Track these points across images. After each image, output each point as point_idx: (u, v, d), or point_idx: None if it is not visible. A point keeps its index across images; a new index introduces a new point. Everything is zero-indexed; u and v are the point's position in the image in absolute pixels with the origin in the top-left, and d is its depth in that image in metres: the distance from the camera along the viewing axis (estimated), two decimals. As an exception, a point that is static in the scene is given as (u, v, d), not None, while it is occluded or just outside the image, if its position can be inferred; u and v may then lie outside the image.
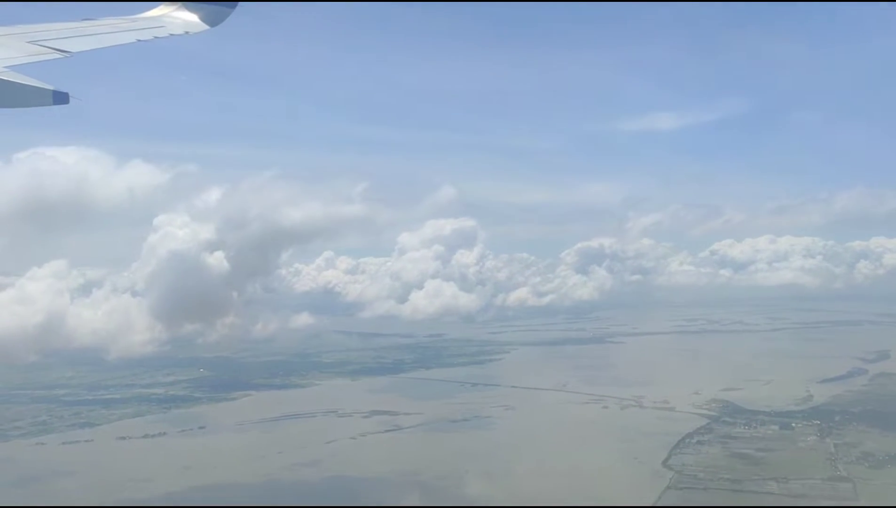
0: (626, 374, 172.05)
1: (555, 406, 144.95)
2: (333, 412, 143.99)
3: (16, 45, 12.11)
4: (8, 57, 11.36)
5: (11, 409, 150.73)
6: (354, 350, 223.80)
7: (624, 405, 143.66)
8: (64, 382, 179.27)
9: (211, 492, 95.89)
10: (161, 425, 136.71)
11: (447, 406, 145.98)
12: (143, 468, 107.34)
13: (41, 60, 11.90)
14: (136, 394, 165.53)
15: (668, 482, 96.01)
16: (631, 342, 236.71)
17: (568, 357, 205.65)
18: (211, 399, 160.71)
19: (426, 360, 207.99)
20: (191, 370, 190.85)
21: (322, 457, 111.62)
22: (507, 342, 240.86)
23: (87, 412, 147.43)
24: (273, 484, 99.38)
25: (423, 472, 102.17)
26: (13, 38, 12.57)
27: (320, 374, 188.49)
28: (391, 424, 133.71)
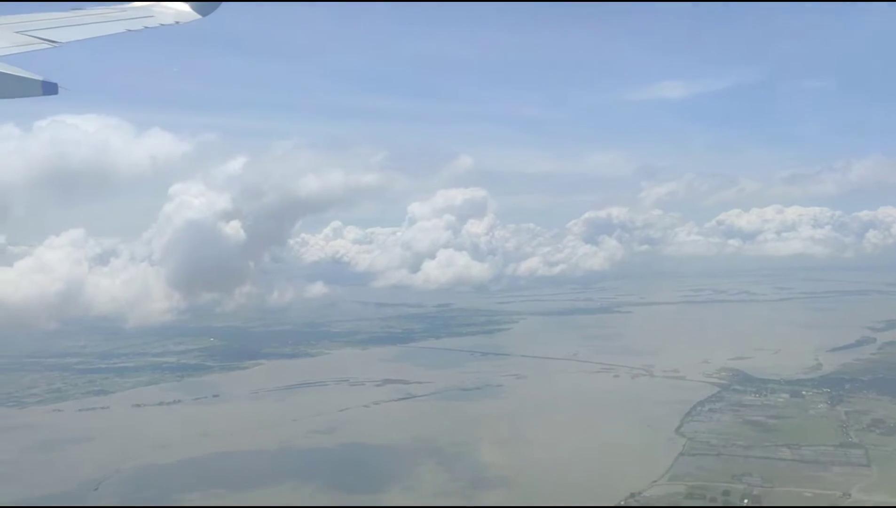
0: (636, 343, 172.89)
1: (566, 375, 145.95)
2: (345, 381, 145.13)
3: (4, 36, 12.03)
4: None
5: (26, 377, 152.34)
6: (364, 320, 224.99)
7: (635, 374, 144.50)
8: (76, 351, 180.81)
9: (229, 459, 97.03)
10: (175, 393, 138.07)
11: (459, 375, 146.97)
12: (161, 434, 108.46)
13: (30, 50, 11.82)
14: (149, 363, 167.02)
15: (682, 448, 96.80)
16: (639, 311, 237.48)
17: (577, 327, 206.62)
18: (223, 368, 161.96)
19: (435, 329, 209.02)
20: (202, 340, 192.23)
21: (337, 425, 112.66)
22: (516, 311, 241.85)
23: (100, 380, 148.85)
24: (290, 451, 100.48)
25: (438, 439, 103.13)
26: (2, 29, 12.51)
27: (330, 343, 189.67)
28: (404, 392, 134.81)
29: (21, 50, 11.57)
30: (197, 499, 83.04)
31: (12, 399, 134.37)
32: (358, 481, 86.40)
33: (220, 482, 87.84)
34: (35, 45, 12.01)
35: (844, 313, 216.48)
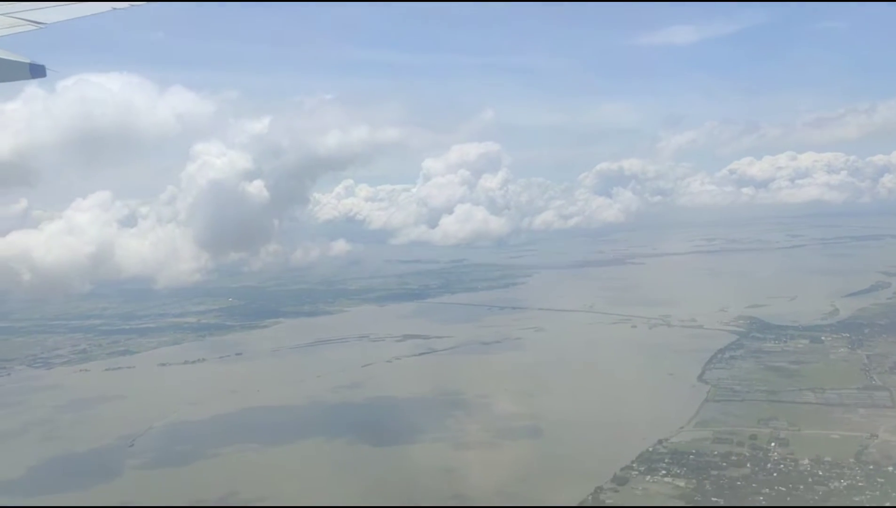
0: (651, 294, 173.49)
1: (584, 327, 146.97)
2: (366, 337, 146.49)
3: None
4: None
5: (50, 339, 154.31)
6: (379, 277, 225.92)
7: (652, 324, 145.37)
8: (98, 313, 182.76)
9: (259, 414, 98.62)
10: (198, 352, 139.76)
11: (477, 329, 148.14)
12: (190, 392, 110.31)
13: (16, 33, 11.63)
14: (170, 323, 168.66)
15: (705, 395, 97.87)
16: (651, 262, 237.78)
17: (591, 279, 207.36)
18: (243, 327, 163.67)
19: (451, 285, 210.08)
20: (221, 300, 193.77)
21: (361, 380, 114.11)
22: (529, 265, 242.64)
23: (124, 341, 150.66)
24: (318, 406, 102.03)
25: (463, 392, 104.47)
26: None
27: (348, 301, 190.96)
28: (424, 347, 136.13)
29: (6, 32, 11.41)
30: (232, 453, 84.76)
31: (39, 361, 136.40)
32: (387, 434, 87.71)
33: (252, 437, 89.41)
34: (21, 28, 11.82)
35: (858, 258, 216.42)
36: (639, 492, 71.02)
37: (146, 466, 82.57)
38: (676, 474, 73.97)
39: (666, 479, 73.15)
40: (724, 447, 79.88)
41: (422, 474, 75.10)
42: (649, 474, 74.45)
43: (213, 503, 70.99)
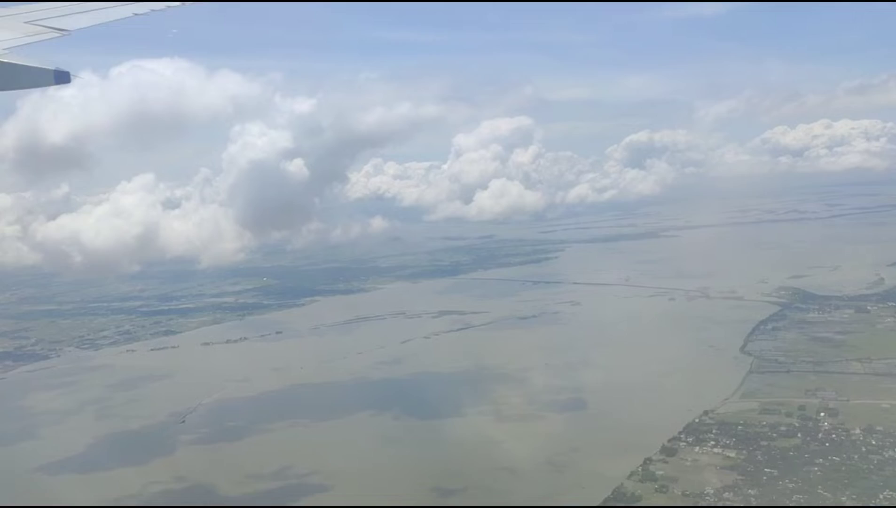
0: (687, 266, 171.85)
1: (621, 300, 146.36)
2: (402, 314, 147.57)
3: (14, 26, 11.95)
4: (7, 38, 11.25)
5: (94, 321, 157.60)
6: (410, 254, 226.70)
7: (691, 297, 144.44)
8: (136, 294, 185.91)
9: (305, 391, 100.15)
10: (239, 331, 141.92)
11: (513, 304, 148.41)
12: (235, 370, 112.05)
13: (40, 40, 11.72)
14: (209, 303, 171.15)
15: (749, 366, 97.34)
16: (685, 235, 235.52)
17: (624, 253, 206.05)
18: (280, 306, 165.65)
19: (482, 261, 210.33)
20: (255, 280, 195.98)
21: (402, 356, 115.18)
22: (560, 240, 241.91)
23: (166, 321, 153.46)
24: (362, 382, 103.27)
25: (505, 366, 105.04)
26: (11, 20, 12.43)
27: (381, 278, 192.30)
28: (461, 323, 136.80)
29: (31, 40, 11.52)
30: (282, 428, 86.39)
31: (86, 342, 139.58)
32: (433, 408, 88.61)
33: (301, 413, 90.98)
34: (44, 35, 11.94)
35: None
36: (688, 463, 71.11)
37: (199, 441, 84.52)
38: (726, 444, 73.87)
39: (715, 450, 73.11)
40: (772, 417, 79.55)
41: (471, 446, 75.91)
42: (698, 445, 74.45)
43: (268, 478, 72.51)
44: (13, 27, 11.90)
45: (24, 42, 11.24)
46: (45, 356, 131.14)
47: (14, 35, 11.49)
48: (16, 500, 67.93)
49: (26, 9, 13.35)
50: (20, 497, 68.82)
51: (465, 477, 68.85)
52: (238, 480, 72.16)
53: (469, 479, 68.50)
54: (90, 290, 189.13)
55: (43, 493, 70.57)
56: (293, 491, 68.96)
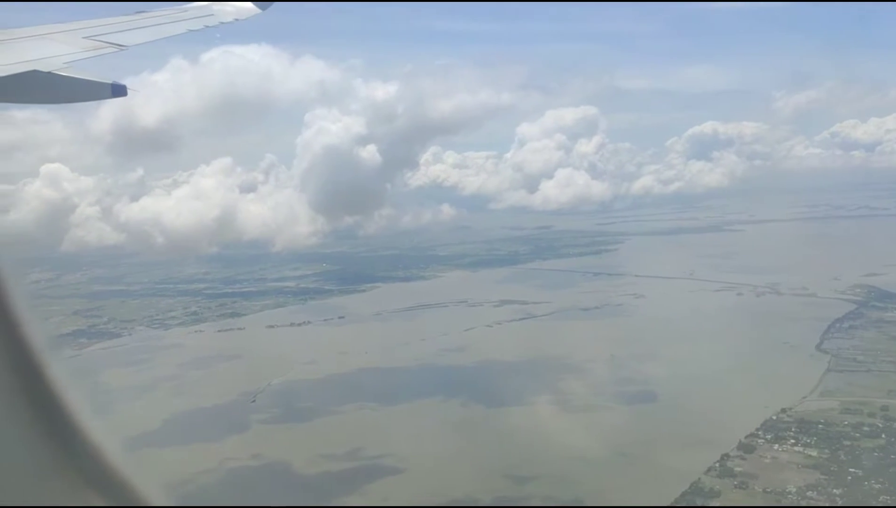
0: (754, 261, 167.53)
1: (686, 294, 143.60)
2: (463, 302, 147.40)
3: (73, 42, 12.15)
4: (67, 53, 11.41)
5: (162, 302, 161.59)
6: (468, 243, 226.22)
7: (759, 293, 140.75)
8: (201, 277, 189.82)
9: (371, 375, 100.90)
10: (302, 315, 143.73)
11: (575, 295, 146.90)
12: (301, 352, 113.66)
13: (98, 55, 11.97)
14: (271, 287, 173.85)
15: (827, 365, 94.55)
16: (751, 229, 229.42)
17: (686, 246, 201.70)
18: (342, 292, 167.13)
19: (540, 251, 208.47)
20: (315, 265, 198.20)
21: (466, 343, 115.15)
22: (619, 232, 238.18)
23: (231, 304, 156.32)
24: (428, 368, 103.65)
25: (571, 356, 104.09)
26: (71, 35, 12.63)
27: (439, 267, 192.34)
28: (523, 312, 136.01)
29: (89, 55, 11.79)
30: (351, 411, 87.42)
31: (156, 322, 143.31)
32: (500, 396, 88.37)
33: (368, 396, 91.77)
34: (102, 50, 12.22)
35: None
36: (768, 460, 69.52)
37: (271, 420, 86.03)
38: (806, 443, 71.96)
39: (796, 448, 71.28)
40: (853, 417, 77.08)
41: (540, 435, 75.51)
42: (777, 443, 72.71)
43: (342, 458, 73.35)
44: (73, 42, 12.21)
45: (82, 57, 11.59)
46: (118, 334, 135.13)
47: (73, 50, 11.80)
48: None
49: (86, 24, 13.73)
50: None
51: (537, 465, 68.47)
52: (312, 459, 73.20)
53: (541, 467, 68.12)
54: (157, 272, 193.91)
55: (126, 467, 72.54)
56: (367, 473, 69.62)
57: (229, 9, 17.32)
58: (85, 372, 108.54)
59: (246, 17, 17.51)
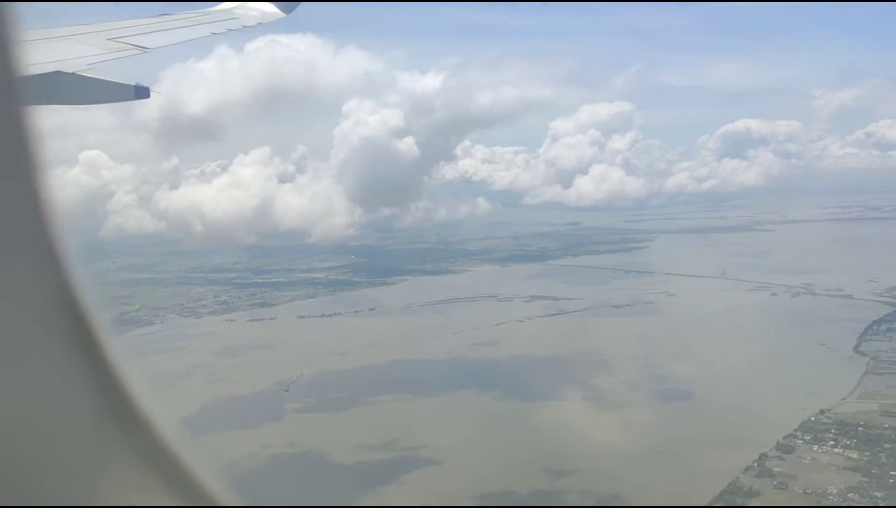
0: (788, 261, 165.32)
1: (719, 293, 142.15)
2: (493, 297, 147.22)
3: (97, 43, 12.22)
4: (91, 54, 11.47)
5: (192, 290, 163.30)
6: (495, 238, 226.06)
7: (794, 293, 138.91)
8: (230, 267, 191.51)
9: (404, 367, 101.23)
10: (333, 306, 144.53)
11: (607, 292, 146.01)
12: (332, 343, 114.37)
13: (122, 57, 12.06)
14: (300, 278, 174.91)
15: (866, 367, 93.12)
16: (782, 229, 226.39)
17: (717, 245, 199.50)
18: (371, 284, 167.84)
19: (570, 248, 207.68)
20: (343, 257, 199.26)
21: (498, 338, 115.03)
22: (648, 230, 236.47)
23: (261, 294, 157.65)
24: (460, 361, 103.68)
25: (604, 353, 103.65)
26: (95, 37, 12.68)
27: (468, 261, 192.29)
28: (555, 308, 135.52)
29: (113, 57, 11.87)
30: (386, 402, 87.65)
31: (187, 310, 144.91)
32: (535, 391, 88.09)
33: (402, 388, 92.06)
34: (126, 52, 12.29)
35: None
36: (807, 461, 68.78)
37: (306, 410, 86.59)
38: (847, 445, 71.01)
39: (836, 450, 70.37)
40: (894, 420, 75.86)
41: (576, 431, 75.15)
42: (816, 444, 71.88)
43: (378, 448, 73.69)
44: (97, 44, 12.31)
45: (105, 58, 11.69)
46: (150, 321, 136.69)
47: (97, 51, 11.91)
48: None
49: (110, 26, 13.82)
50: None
51: (574, 460, 68.26)
52: (348, 449, 73.59)
53: (578, 462, 67.88)
54: (186, 261, 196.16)
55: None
56: (404, 463, 69.82)
57: (253, 12, 17.40)
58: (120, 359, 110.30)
59: (269, 20, 17.64)
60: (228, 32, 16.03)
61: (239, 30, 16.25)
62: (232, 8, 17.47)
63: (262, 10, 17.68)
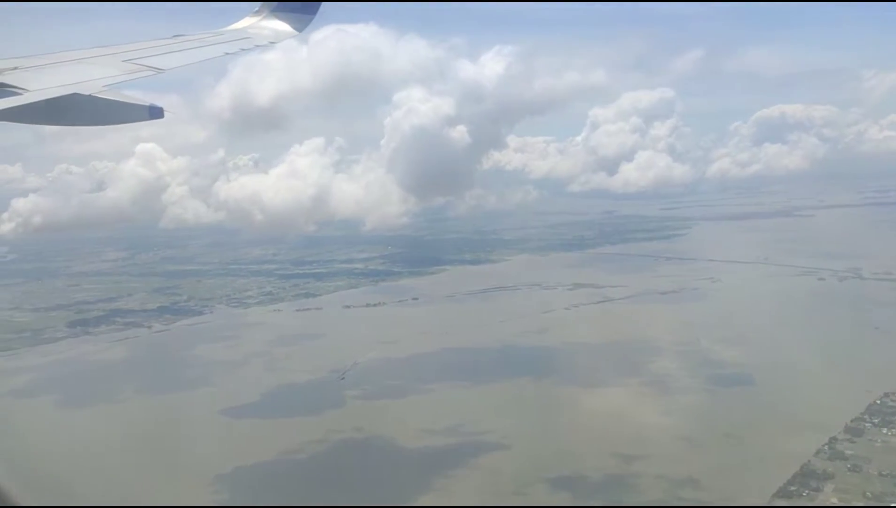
0: (830, 246, 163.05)
1: (764, 279, 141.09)
2: (536, 285, 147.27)
3: (113, 64, 12.39)
4: (107, 76, 11.65)
5: (236, 282, 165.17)
6: (531, 228, 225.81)
7: (841, 277, 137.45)
8: (269, 258, 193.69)
9: (456, 355, 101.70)
10: (376, 296, 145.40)
11: (650, 279, 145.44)
12: (382, 332, 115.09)
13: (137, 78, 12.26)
14: (340, 268, 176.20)
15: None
16: (821, 215, 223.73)
17: (757, 231, 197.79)
18: (411, 274, 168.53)
19: (607, 236, 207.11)
20: (380, 248, 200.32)
21: (547, 326, 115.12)
22: (684, 217, 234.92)
23: (304, 284, 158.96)
24: (512, 349, 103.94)
25: (657, 339, 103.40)
26: (110, 58, 12.87)
27: (506, 250, 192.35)
28: (600, 296, 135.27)
29: (128, 78, 12.08)
30: (443, 389, 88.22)
31: (234, 300, 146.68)
32: (593, 377, 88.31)
33: (457, 375, 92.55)
34: (141, 73, 12.50)
35: None
36: (878, 444, 68.33)
37: (365, 397, 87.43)
38: (917, 428, 70.40)
39: (907, 433, 69.80)
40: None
41: (641, 415, 75.44)
42: (885, 427, 71.35)
43: (442, 433, 74.34)
44: (113, 65, 12.56)
45: (121, 80, 11.95)
46: (199, 311, 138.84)
47: (113, 73, 12.14)
48: (213, 439, 72.63)
49: (125, 48, 14.10)
50: (217, 436, 73.65)
51: (643, 445, 68.40)
52: (413, 434, 74.30)
53: (647, 447, 68.02)
54: (226, 253, 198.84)
55: (235, 434, 75.26)
56: (472, 448, 70.33)
57: (266, 31, 17.49)
58: (178, 346, 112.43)
59: (282, 39, 17.73)
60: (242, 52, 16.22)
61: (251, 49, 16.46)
62: (245, 28, 17.62)
63: (275, 29, 17.77)
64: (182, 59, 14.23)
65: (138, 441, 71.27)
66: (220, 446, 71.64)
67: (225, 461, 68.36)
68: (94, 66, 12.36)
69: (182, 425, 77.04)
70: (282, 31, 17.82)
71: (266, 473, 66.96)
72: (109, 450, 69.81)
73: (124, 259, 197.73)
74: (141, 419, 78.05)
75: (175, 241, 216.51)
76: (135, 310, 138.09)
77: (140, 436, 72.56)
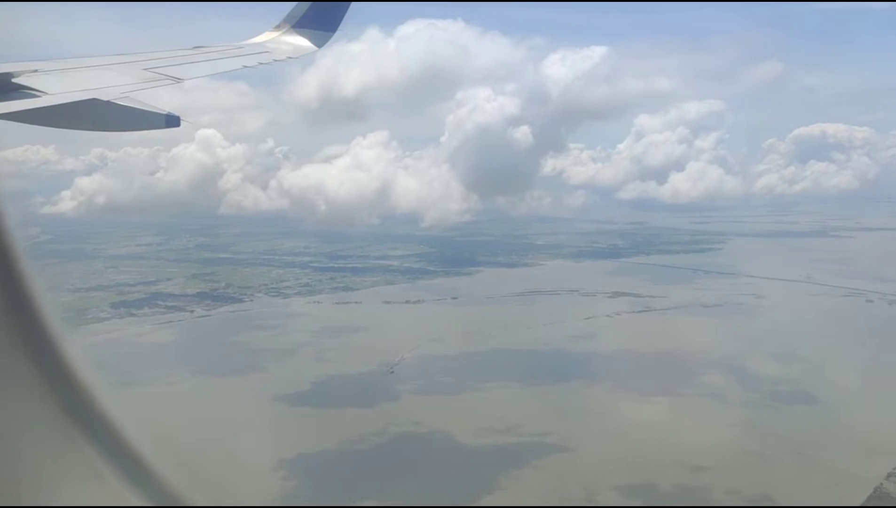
0: (876, 269, 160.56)
1: (810, 298, 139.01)
2: (576, 292, 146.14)
3: (133, 73, 12.53)
4: (126, 84, 11.88)
5: (272, 272, 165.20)
6: (562, 234, 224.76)
7: (890, 301, 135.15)
8: (301, 250, 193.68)
9: (505, 355, 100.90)
10: (415, 293, 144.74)
11: (692, 291, 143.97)
12: (426, 329, 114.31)
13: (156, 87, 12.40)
14: (375, 265, 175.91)
15: None
16: (860, 236, 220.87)
17: (795, 250, 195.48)
18: (446, 273, 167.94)
19: (641, 246, 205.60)
20: (412, 246, 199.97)
21: (592, 331, 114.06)
22: (717, 232, 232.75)
23: (340, 278, 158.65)
24: (560, 353, 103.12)
25: (709, 352, 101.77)
26: (131, 67, 12.97)
27: (539, 255, 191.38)
28: (641, 305, 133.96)
29: (148, 86, 12.19)
30: (495, 388, 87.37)
31: (272, 290, 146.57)
32: (648, 385, 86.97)
33: (508, 376, 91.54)
34: (160, 82, 12.61)
35: None
36: (951, 470, 66.65)
37: (418, 391, 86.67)
38: None
39: (980, 460, 68.11)
40: None
41: (706, 428, 74.05)
42: (957, 453, 69.67)
43: (503, 433, 73.47)
44: (132, 73, 12.60)
45: (139, 88, 12.01)
46: (239, 299, 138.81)
47: (132, 81, 12.21)
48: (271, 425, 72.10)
49: (146, 57, 14.10)
50: (275, 422, 73.15)
51: (710, 456, 67.09)
52: (473, 431, 73.47)
53: (714, 459, 66.72)
54: (258, 243, 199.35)
55: (292, 421, 74.76)
56: (534, 449, 69.35)
57: (285, 46, 17.51)
58: (223, 332, 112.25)
59: (301, 54, 17.80)
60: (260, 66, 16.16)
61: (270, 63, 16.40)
62: (264, 42, 17.58)
63: (295, 45, 17.75)
64: (201, 70, 14.44)
65: (198, 423, 70.75)
66: (280, 432, 71.05)
67: (287, 447, 67.77)
68: (113, 73, 12.49)
69: (239, 409, 76.58)
70: (302, 47, 18.00)
71: (329, 461, 66.42)
72: (170, 431, 69.25)
73: (158, 244, 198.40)
74: (198, 401, 77.74)
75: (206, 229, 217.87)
76: (175, 294, 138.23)
77: (199, 418, 72.13)
